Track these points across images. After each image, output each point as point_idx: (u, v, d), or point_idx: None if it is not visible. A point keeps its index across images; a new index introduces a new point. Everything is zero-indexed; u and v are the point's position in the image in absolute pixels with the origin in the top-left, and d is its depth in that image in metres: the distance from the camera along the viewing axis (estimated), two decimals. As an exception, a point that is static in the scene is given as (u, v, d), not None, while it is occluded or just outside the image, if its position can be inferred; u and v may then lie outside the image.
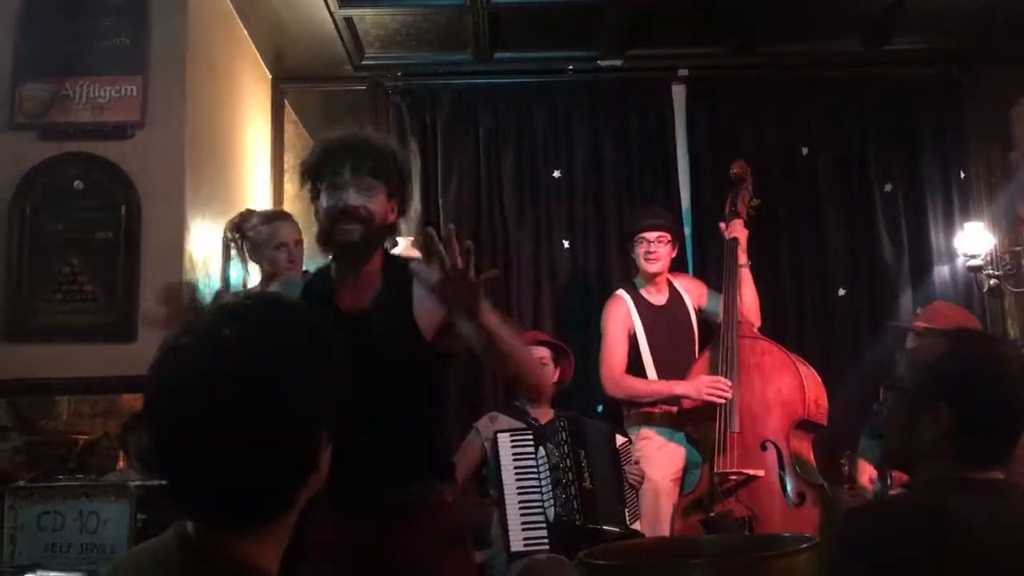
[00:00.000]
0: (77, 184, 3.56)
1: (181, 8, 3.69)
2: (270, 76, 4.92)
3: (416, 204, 4.77)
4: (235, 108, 4.37)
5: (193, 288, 3.61)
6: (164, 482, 1.10)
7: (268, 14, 4.37)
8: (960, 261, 4.76)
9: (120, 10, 3.65)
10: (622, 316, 3.89)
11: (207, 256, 3.83)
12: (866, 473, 3.51)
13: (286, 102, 5.03)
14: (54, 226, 3.53)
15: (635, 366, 3.85)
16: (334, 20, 4.36)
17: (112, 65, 3.63)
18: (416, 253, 4.45)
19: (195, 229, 3.68)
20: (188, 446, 1.07)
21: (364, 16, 4.42)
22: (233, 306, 1.15)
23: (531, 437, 3.45)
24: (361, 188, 2.07)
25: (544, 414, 3.68)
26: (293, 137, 5.09)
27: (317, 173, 2.14)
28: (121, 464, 3.48)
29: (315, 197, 2.15)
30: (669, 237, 3.93)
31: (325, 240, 2.13)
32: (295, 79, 5.01)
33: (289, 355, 1.10)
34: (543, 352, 3.76)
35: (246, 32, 4.48)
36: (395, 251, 4.60)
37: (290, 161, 5.00)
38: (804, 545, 1.85)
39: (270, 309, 1.16)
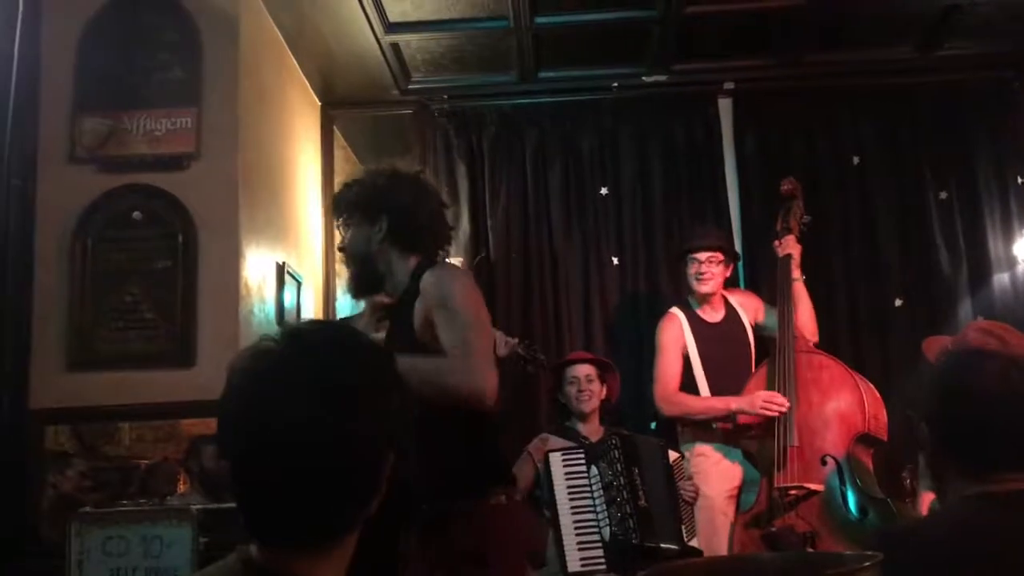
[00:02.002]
0: (136, 215, 3.64)
1: (233, 40, 3.77)
2: (319, 103, 5.00)
3: (465, 225, 4.81)
4: (286, 135, 4.45)
5: None
6: (235, 501, 1.12)
7: (316, 43, 4.45)
8: (1020, 268, 4.65)
9: (174, 44, 3.73)
10: (675, 335, 3.87)
11: (262, 282, 3.90)
12: (926, 503, 3.45)
13: (335, 128, 5.11)
14: (115, 256, 3.60)
15: (689, 385, 3.82)
16: (380, 46, 4.42)
17: (167, 98, 3.70)
18: (466, 273, 4.49)
19: (250, 256, 3.75)
20: (265, 466, 1.09)
21: (410, 41, 4.48)
22: (306, 332, 1.18)
23: (583, 456, 3.44)
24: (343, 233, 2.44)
25: (595, 432, 3.67)
26: (342, 162, 5.17)
27: None
28: (182, 488, 3.54)
29: None
30: (721, 257, 3.89)
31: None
32: (343, 105, 5.08)
33: (365, 380, 1.13)
34: (588, 369, 3.75)
35: (295, 61, 4.56)
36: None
37: (340, 186, 5.07)
38: (867, 563, 1.82)
39: (342, 336, 1.19)
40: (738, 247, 4.66)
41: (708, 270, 3.86)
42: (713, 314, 3.94)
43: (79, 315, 3.57)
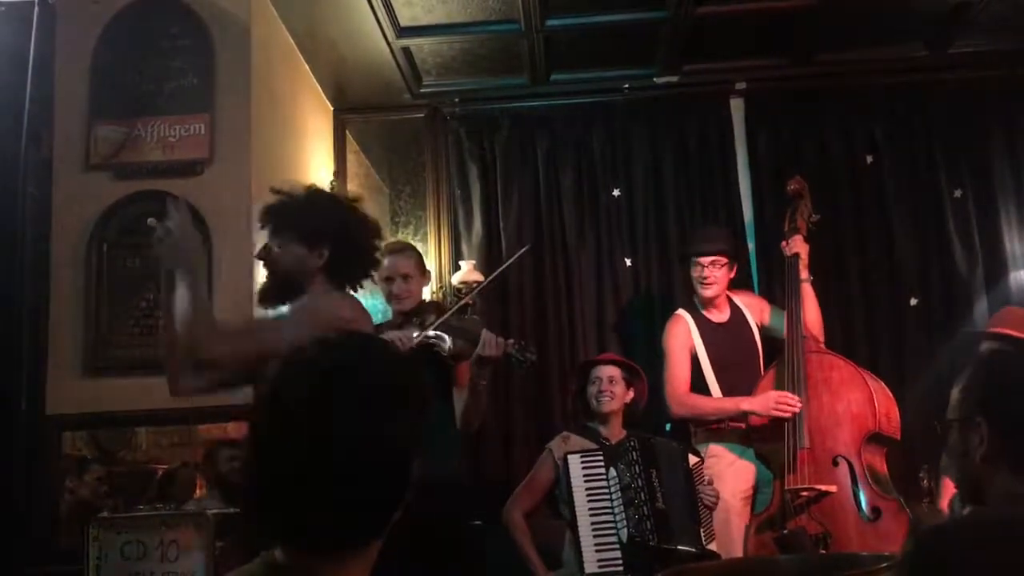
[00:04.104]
0: (150, 221, 3.65)
1: (245, 47, 3.79)
2: (331, 108, 5.02)
3: (477, 228, 4.82)
4: (299, 141, 4.47)
5: None
6: (260, 506, 1.13)
7: (328, 48, 4.47)
8: (1037, 266, 4.62)
9: (187, 51, 3.76)
10: (683, 335, 3.86)
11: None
12: (948, 494, 3.42)
13: (347, 132, 5.13)
14: (130, 262, 3.63)
15: (698, 385, 3.81)
16: (392, 51, 4.44)
17: (180, 104, 3.73)
18: (478, 276, 4.51)
19: (264, 261, 3.76)
20: (296, 471, 1.10)
21: (421, 45, 4.49)
22: (335, 340, 1.20)
23: (602, 458, 3.44)
24: (270, 241, 2.45)
25: (616, 435, 3.67)
26: (355, 167, 5.19)
27: None
28: (198, 493, 3.56)
29: None
30: (725, 260, 3.87)
31: None
32: (356, 110, 5.10)
33: (393, 385, 1.15)
34: (612, 371, 3.74)
35: (307, 67, 4.58)
36: (457, 275, 4.70)
37: (352, 190, 5.09)
38: (883, 564, 1.82)
39: (370, 343, 1.21)
40: (751, 247, 4.65)
41: (711, 274, 3.84)
42: (719, 315, 3.93)
43: (95, 321, 3.60)
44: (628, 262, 4.76)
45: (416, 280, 3.42)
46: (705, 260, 3.85)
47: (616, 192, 4.82)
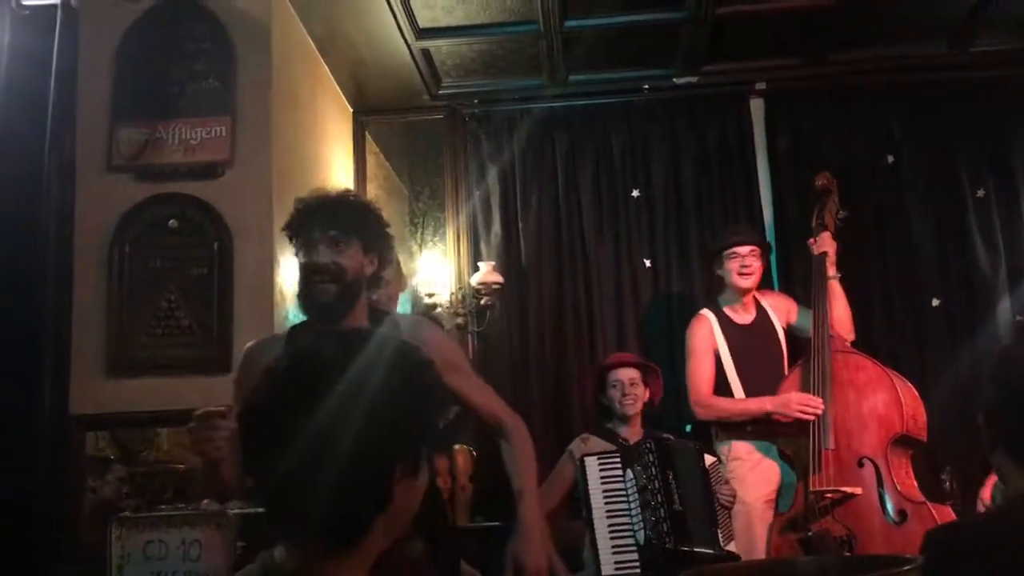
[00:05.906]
0: (172, 223, 3.69)
1: (266, 49, 3.81)
2: (351, 109, 5.04)
3: (497, 229, 4.82)
4: (319, 142, 4.48)
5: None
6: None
7: (348, 50, 4.49)
8: (1061, 266, 4.57)
9: (209, 53, 3.78)
10: (706, 336, 3.85)
11: (296, 288, 3.92)
12: (990, 483, 3.39)
13: (367, 134, 5.15)
14: (152, 264, 3.65)
15: (722, 386, 3.79)
16: (411, 52, 4.45)
17: (202, 107, 3.75)
18: (498, 277, 4.51)
19: (284, 262, 3.77)
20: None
21: (440, 47, 4.50)
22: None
23: (619, 460, 3.43)
24: (330, 244, 2.17)
25: (635, 435, 3.67)
26: (375, 168, 5.20)
27: (295, 234, 2.25)
28: (219, 492, 3.57)
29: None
30: (759, 251, 3.88)
31: (302, 299, 2.23)
32: (375, 111, 5.12)
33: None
34: (632, 373, 3.74)
35: (327, 69, 4.60)
36: (476, 276, 4.67)
37: (372, 192, 5.10)
38: (907, 567, 1.79)
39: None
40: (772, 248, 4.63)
41: (751, 263, 3.84)
42: (744, 315, 3.91)
43: (117, 322, 3.62)
44: (647, 263, 4.74)
45: (393, 287, 3.37)
46: (743, 250, 3.85)
47: (635, 193, 4.81)
